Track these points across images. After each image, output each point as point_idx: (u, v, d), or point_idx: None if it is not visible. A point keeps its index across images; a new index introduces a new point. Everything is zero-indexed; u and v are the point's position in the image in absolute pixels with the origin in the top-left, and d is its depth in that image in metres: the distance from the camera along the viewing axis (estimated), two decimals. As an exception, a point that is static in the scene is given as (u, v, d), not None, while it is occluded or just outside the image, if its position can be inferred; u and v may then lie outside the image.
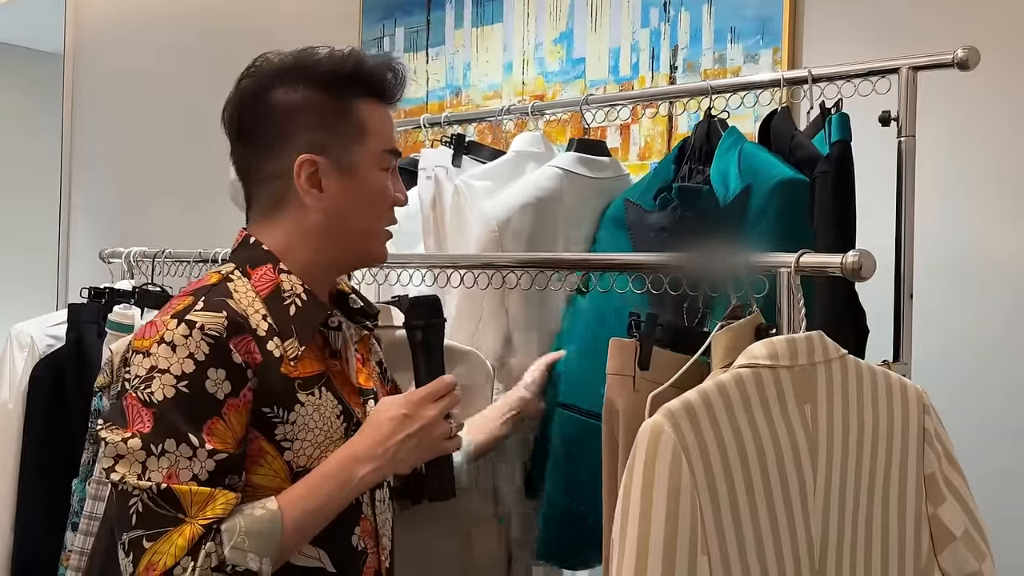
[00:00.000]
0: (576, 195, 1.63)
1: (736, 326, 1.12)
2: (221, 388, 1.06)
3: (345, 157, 1.18)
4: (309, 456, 1.12)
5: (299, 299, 1.16)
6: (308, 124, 1.17)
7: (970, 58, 1.38)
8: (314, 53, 1.20)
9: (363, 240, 1.22)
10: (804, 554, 1.06)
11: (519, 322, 1.56)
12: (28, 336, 1.84)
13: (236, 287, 1.15)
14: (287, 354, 1.12)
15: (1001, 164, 1.73)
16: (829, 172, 1.39)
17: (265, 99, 1.18)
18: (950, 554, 1.16)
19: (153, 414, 1.04)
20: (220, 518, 1.03)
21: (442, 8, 2.52)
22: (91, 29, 3.52)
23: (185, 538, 1.01)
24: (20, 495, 1.80)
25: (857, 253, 1.09)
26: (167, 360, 1.05)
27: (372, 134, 1.20)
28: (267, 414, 1.10)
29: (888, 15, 1.85)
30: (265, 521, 1.05)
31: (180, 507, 1.02)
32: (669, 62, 2.12)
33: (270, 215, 1.20)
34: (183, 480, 1.03)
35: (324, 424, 1.14)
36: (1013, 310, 1.70)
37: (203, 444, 1.04)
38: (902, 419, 1.15)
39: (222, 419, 1.06)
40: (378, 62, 1.21)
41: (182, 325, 1.06)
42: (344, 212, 1.18)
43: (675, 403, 0.98)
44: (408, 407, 1.15)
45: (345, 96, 1.18)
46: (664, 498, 0.94)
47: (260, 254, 1.18)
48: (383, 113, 1.22)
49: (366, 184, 1.19)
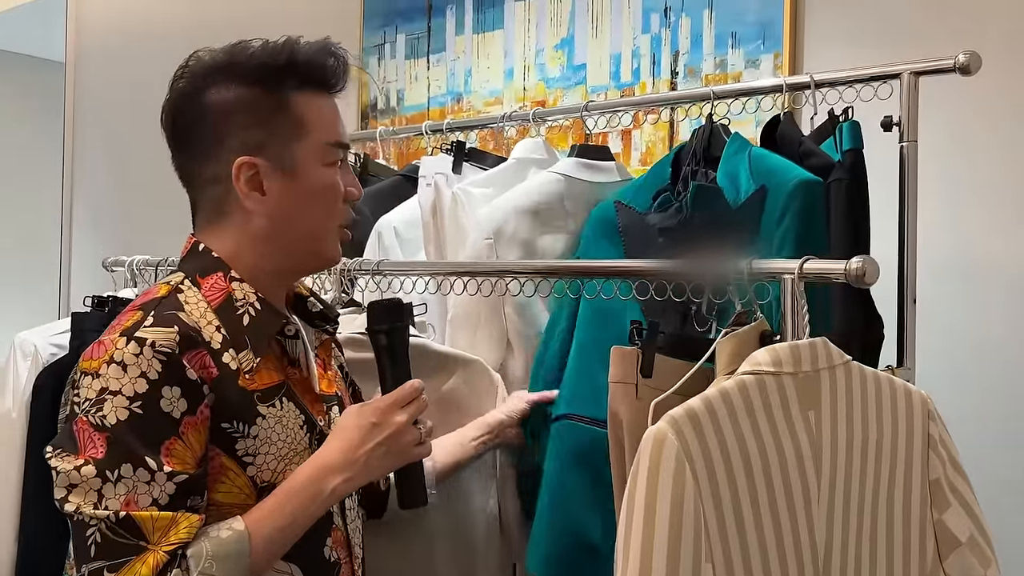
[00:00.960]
0: (578, 199, 1.63)
1: (741, 333, 1.11)
2: (177, 406, 1.01)
3: (285, 156, 1.12)
4: (273, 470, 1.08)
5: (252, 308, 1.11)
6: (243, 123, 1.11)
7: (971, 63, 1.38)
8: (247, 47, 1.14)
9: (313, 241, 1.16)
10: (808, 561, 1.05)
11: (517, 326, 1.56)
12: (32, 345, 1.83)
13: (187, 298, 1.10)
14: (243, 366, 1.08)
15: (1003, 168, 1.73)
16: (844, 180, 1.39)
17: (199, 100, 1.13)
18: (956, 560, 1.16)
19: (106, 438, 0.99)
20: (185, 543, 0.99)
21: (443, 15, 2.52)
22: (93, 37, 3.53)
23: (149, 567, 0.97)
24: (24, 504, 1.79)
25: (861, 259, 1.08)
26: (118, 381, 1.00)
27: (312, 128, 1.13)
28: (227, 429, 1.06)
29: (888, 19, 1.84)
30: (232, 543, 1.01)
31: (141, 534, 0.98)
32: (670, 67, 2.12)
33: (215, 221, 1.15)
34: (143, 506, 0.98)
35: (287, 436, 1.10)
36: (1016, 314, 1.69)
37: (161, 467, 0.99)
38: (906, 425, 1.15)
39: (180, 439, 1.01)
40: (315, 49, 1.14)
41: (132, 343, 1.01)
42: (290, 214, 1.13)
43: (678, 410, 0.98)
44: (376, 415, 1.11)
45: (280, 90, 1.12)
46: (668, 506, 0.94)
47: (210, 262, 1.13)
48: (324, 103, 1.15)
49: (310, 182, 1.13)
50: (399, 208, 1.88)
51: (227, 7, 3.08)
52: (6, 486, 1.79)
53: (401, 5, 2.60)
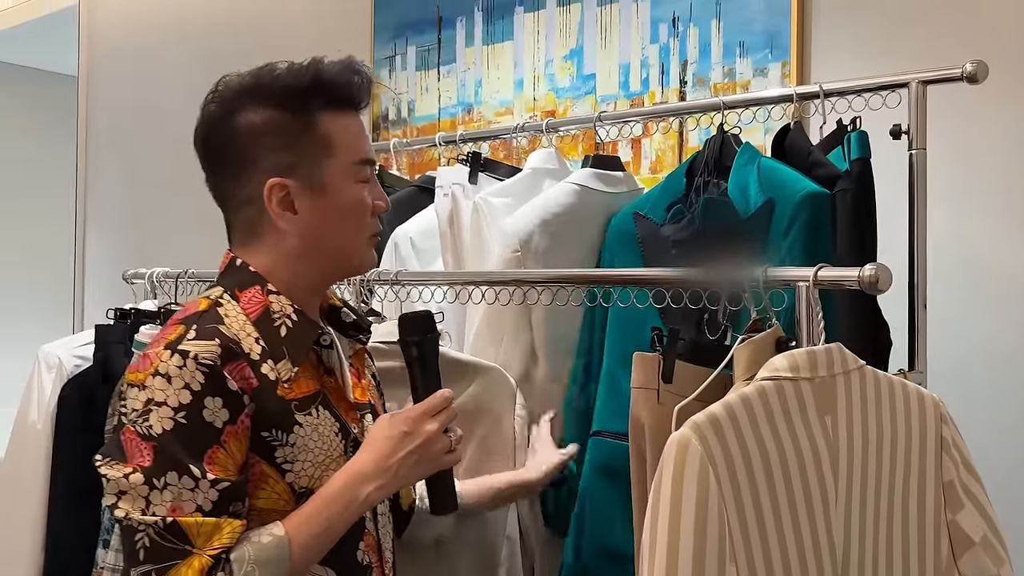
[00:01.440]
0: (591, 209, 1.66)
1: (757, 339, 1.14)
2: (219, 416, 1.05)
3: (315, 175, 1.15)
4: (311, 476, 1.12)
5: (289, 319, 1.15)
6: (273, 146, 1.15)
7: (979, 72, 1.41)
8: (273, 70, 1.17)
9: (345, 255, 1.20)
10: (827, 562, 1.08)
11: (543, 337, 1.59)
12: (56, 357, 1.87)
13: (227, 311, 1.13)
14: (281, 376, 1.12)
15: (1009, 174, 1.75)
16: (849, 189, 1.42)
17: (229, 124, 1.16)
18: (970, 559, 1.18)
19: (153, 447, 1.03)
20: (228, 547, 1.04)
21: (453, 27, 2.55)
22: (104, 50, 3.56)
23: (194, 570, 1.01)
24: (50, 514, 1.82)
25: (874, 266, 1.11)
26: (163, 392, 1.04)
27: (340, 147, 1.16)
28: (266, 438, 1.10)
29: (895, 27, 1.87)
30: (273, 548, 1.06)
31: (187, 539, 1.02)
32: (679, 77, 2.16)
33: (250, 240, 1.19)
34: (187, 512, 1.03)
35: (323, 443, 1.14)
36: (1023, 318, 1.72)
37: (205, 474, 1.03)
38: (920, 428, 1.18)
39: (222, 447, 1.05)
40: (338, 68, 1.17)
41: (175, 356, 1.05)
42: (322, 231, 1.17)
43: (701, 416, 1.01)
44: (407, 424, 1.15)
45: (307, 111, 1.15)
46: (692, 509, 0.97)
47: (247, 276, 1.17)
48: (350, 122, 1.19)
49: (340, 200, 1.17)
50: (415, 218, 1.91)
51: (238, 22, 3.12)
52: (33, 495, 1.82)
53: (411, 18, 2.64)
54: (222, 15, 3.17)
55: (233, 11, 3.13)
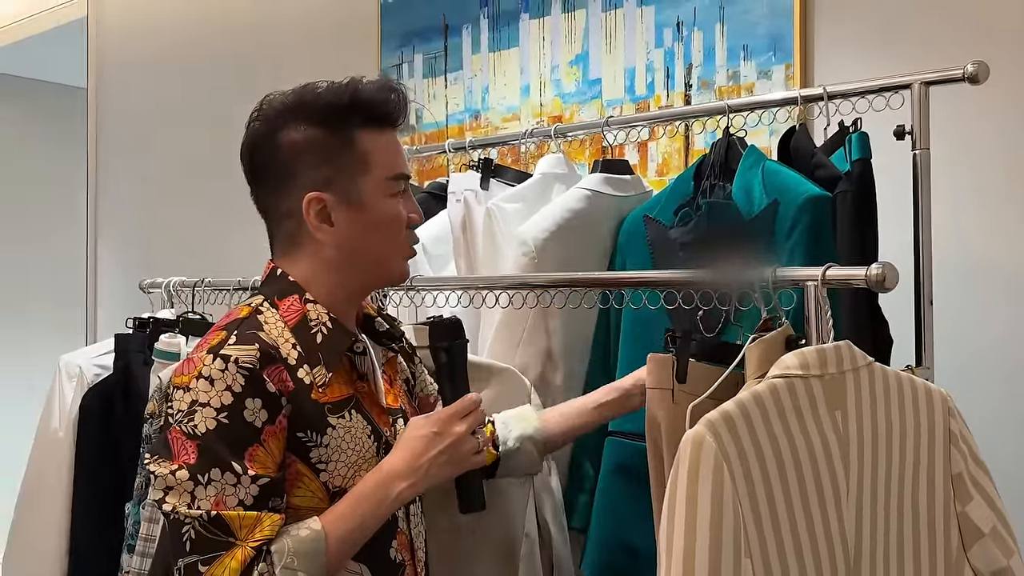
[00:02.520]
0: (603, 213, 1.69)
1: (768, 338, 1.17)
2: (259, 417, 1.12)
3: (352, 190, 1.21)
4: (344, 476, 1.18)
5: (325, 327, 1.21)
6: (312, 162, 1.21)
7: (980, 72, 1.44)
8: (314, 88, 1.23)
9: (381, 265, 1.26)
10: (840, 555, 1.11)
11: (561, 341, 1.62)
12: (76, 366, 1.91)
13: (266, 318, 1.19)
14: (316, 381, 1.18)
15: (1010, 173, 1.78)
16: (849, 191, 1.45)
17: (272, 140, 1.22)
18: (979, 551, 1.21)
19: (197, 446, 1.10)
20: (269, 540, 1.09)
21: (459, 34, 2.59)
22: (113, 62, 3.60)
23: (238, 560, 1.07)
24: (74, 520, 1.86)
25: (881, 265, 1.14)
26: (206, 394, 1.11)
27: (376, 163, 1.22)
28: (301, 439, 1.16)
29: (897, 28, 1.90)
30: (310, 541, 1.11)
31: (230, 532, 1.08)
32: (684, 80, 2.18)
33: (290, 250, 1.25)
34: (230, 506, 1.09)
35: (356, 445, 1.19)
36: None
37: (246, 471, 1.09)
38: (928, 422, 1.21)
39: (262, 446, 1.12)
40: (376, 87, 1.23)
41: (218, 360, 1.12)
42: (357, 243, 1.22)
43: (715, 413, 1.04)
44: (437, 425, 1.21)
45: (345, 128, 1.21)
46: (708, 505, 1.00)
47: (287, 286, 1.23)
48: (387, 139, 1.24)
49: (375, 214, 1.23)
50: (427, 224, 1.94)
51: (245, 32, 3.15)
52: (57, 502, 1.86)
53: (418, 26, 2.67)
54: (228, 25, 3.20)
55: (240, 21, 3.17)
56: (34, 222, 3.84)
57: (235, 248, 3.05)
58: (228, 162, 3.48)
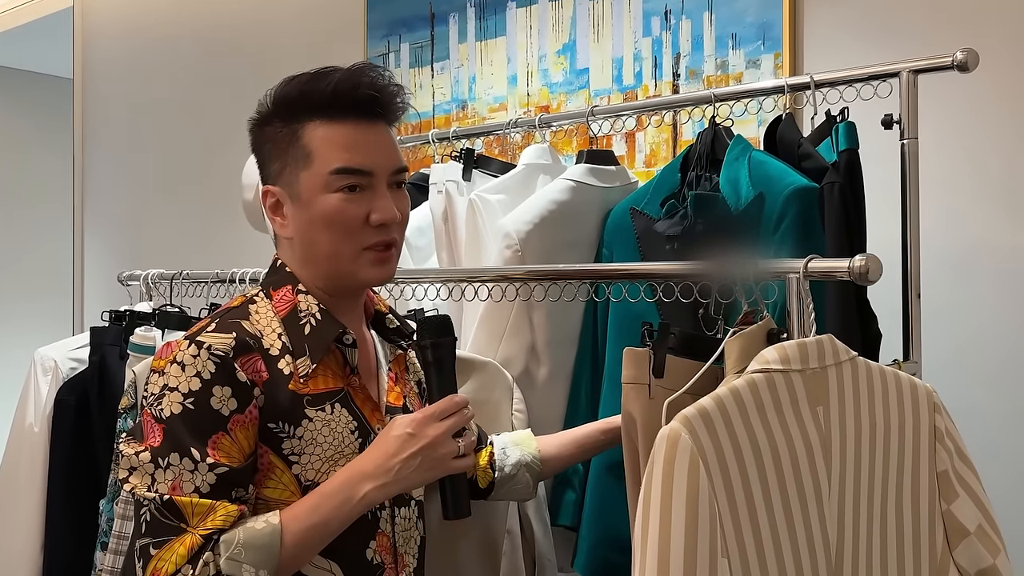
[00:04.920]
0: (587, 205, 1.65)
1: (748, 332, 1.14)
2: (227, 405, 1.11)
3: (294, 184, 1.19)
4: (318, 470, 1.16)
5: (313, 318, 1.20)
6: (269, 155, 1.22)
7: (969, 60, 1.40)
8: (288, 80, 1.21)
9: (337, 264, 1.20)
10: (821, 553, 1.08)
11: (546, 335, 1.58)
12: (51, 360, 1.88)
13: (257, 308, 1.20)
14: (298, 371, 1.16)
15: (1000, 163, 1.75)
16: (837, 182, 1.42)
17: (255, 133, 1.25)
18: (964, 549, 1.18)
19: (163, 429, 1.10)
20: (220, 529, 1.08)
21: (445, 23, 2.55)
22: (99, 52, 3.56)
23: (185, 547, 1.06)
24: (48, 517, 1.83)
25: (864, 257, 1.11)
26: (176, 378, 1.11)
27: (317, 158, 1.17)
28: (273, 429, 1.14)
29: (886, 18, 1.87)
30: (265, 535, 1.09)
31: (182, 517, 1.08)
32: (672, 70, 2.15)
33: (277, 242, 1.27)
34: (185, 492, 1.08)
35: (334, 439, 1.17)
36: (1013, 307, 1.71)
37: (204, 458, 1.09)
38: (913, 418, 1.18)
39: (228, 434, 1.10)
40: (343, 76, 1.18)
41: (192, 346, 1.12)
42: (307, 238, 1.20)
43: (691, 409, 1.01)
44: (413, 426, 1.15)
45: (293, 121, 1.19)
46: (683, 503, 0.97)
47: (282, 276, 1.24)
48: (336, 132, 1.17)
49: (314, 211, 1.18)
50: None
51: (232, 22, 3.11)
52: (31, 498, 1.83)
53: (404, 15, 2.63)
54: (215, 15, 3.17)
55: (227, 12, 3.13)
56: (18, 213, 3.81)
57: (221, 241, 3.02)
58: (215, 155, 3.48)
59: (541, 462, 1.42)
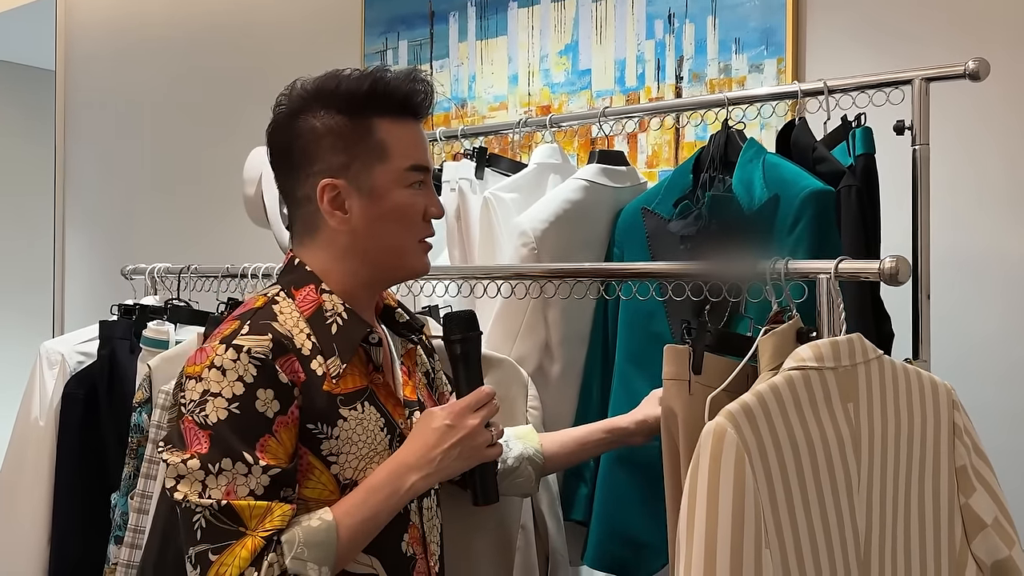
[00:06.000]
0: (600, 204, 1.68)
1: (780, 331, 1.17)
2: (270, 407, 1.11)
3: (365, 178, 1.20)
4: (355, 468, 1.17)
5: (340, 318, 1.20)
6: (329, 148, 1.20)
7: (981, 69, 1.45)
8: (337, 75, 1.22)
9: (396, 256, 1.25)
10: (851, 544, 1.12)
11: (559, 331, 1.61)
12: (58, 354, 1.86)
13: (281, 308, 1.19)
14: (330, 372, 1.17)
15: (1007, 168, 1.80)
16: (854, 185, 1.46)
17: (292, 126, 1.22)
18: (982, 541, 1.23)
19: (209, 435, 1.10)
20: (279, 530, 1.09)
21: (445, 21, 2.56)
22: (82, 43, 3.52)
23: (248, 550, 1.07)
24: (55, 511, 1.81)
25: (894, 259, 1.15)
26: (218, 384, 1.11)
27: (394, 153, 1.21)
28: (312, 430, 1.15)
29: (888, 24, 1.92)
30: (322, 532, 1.10)
31: (240, 521, 1.08)
32: (675, 72, 2.19)
33: (307, 239, 1.25)
34: (241, 496, 1.09)
35: (368, 437, 1.19)
36: (1021, 309, 1.77)
37: (257, 461, 1.09)
38: (934, 415, 1.22)
39: (273, 436, 1.11)
40: (399, 77, 1.22)
41: (230, 350, 1.12)
42: (370, 232, 1.21)
43: (735, 405, 1.04)
44: (451, 418, 1.19)
45: (364, 117, 1.21)
46: (730, 496, 1.00)
47: (303, 276, 1.23)
48: (408, 129, 1.23)
49: (388, 204, 1.21)
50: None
51: (226, 14, 3.09)
52: (38, 492, 1.82)
53: (403, 12, 2.64)
54: (206, 7, 3.14)
55: (218, 3, 3.11)
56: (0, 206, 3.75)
57: (207, 236, 3.01)
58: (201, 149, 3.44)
59: (543, 456, 1.44)
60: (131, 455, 1.66)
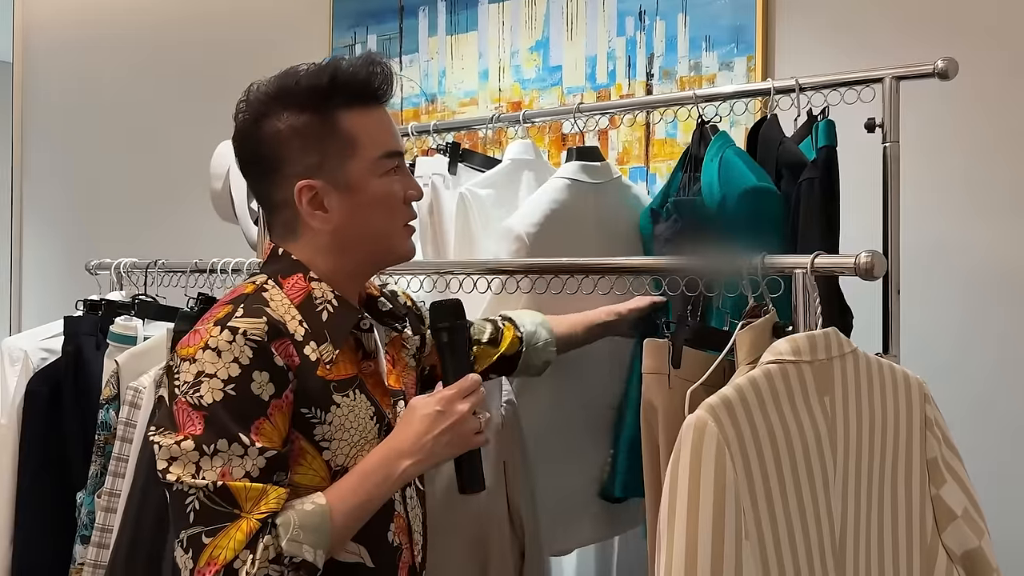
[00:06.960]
0: (582, 201, 1.68)
1: (757, 325, 1.19)
2: (265, 390, 1.10)
3: (340, 174, 1.19)
4: (346, 455, 1.18)
5: (330, 305, 1.20)
6: (299, 149, 1.19)
7: (949, 68, 1.47)
8: (294, 74, 1.21)
9: (382, 243, 1.25)
10: (827, 535, 1.13)
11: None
12: (20, 350, 1.82)
13: (271, 295, 1.18)
14: (323, 358, 1.17)
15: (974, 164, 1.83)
16: (815, 177, 1.48)
17: (257, 132, 1.21)
18: (952, 532, 1.25)
19: (203, 417, 1.08)
20: (274, 512, 1.08)
21: (415, 16, 2.55)
22: (40, 35, 3.45)
23: (243, 532, 1.06)
24: (19, 512, 1.77)
25: (869, 254, 1.17)
26: (213, 365, 1.09)
27: (364, 143, 1.20)
28: (305, 415, 1.15)
29: (858, 22, 1.94)
30: (316, 515, 1.10)
31: (235, 503, 1.07)
32: (645, 70, 2.19)
33: (289, 238, 1.24)
34: (236, 477, 1.07)
35: (359, 425, 1.19)
36: (984, 304, 1.80)
37: (253, 443, 1.08)
38: (906, 408, 1.24)
39: (268, 419, 1.10)
40: (356, 64, 1.21)
41: (225, 331, 1.11)
42: (354, 224, 1.21)
43: (714, 398, 1.04)
44: (441, 404, 1.19)
45: (327, 111, 1.19)
46: (711, 489, 1.00)
47: (290, 265, 1.22)
48: (373, 117, 1.22)
49: (367, 195, 1.21)
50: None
51: (189, 5, 3.05)
52: (0, 492, 1.78)
53: (372, 6, 2.62)
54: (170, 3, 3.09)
55: (182, -5, 3.06)
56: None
57: (168, 230, 2.96)
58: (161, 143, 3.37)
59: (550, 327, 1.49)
60: (98, 453, 1.63)
